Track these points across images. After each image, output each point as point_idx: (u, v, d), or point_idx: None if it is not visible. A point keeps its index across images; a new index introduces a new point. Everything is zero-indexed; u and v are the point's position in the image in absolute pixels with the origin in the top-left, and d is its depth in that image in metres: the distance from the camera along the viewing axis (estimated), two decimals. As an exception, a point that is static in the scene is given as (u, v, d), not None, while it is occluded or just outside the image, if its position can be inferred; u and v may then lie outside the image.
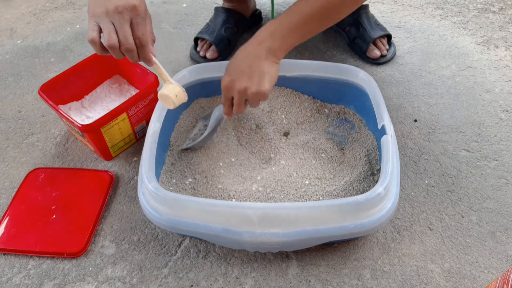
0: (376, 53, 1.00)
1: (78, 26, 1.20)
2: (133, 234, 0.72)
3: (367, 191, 0.66)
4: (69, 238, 0.70)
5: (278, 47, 0.66)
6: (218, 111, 0.77)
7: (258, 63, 0.65)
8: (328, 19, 0.69)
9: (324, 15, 0.67)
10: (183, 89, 0.66)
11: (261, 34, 0.67)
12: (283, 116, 0.85)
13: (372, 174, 0.73)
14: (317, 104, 0.86)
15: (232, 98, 0.68)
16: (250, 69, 0.65)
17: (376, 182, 0.69)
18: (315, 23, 0.68)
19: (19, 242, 0.70)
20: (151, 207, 0.62)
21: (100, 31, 0.58)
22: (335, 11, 0.68)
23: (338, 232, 0.59)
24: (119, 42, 0.57)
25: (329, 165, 0.76)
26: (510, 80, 0.97)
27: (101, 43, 0.59)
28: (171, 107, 0.66)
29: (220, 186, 0.73)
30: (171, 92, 0.65)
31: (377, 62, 1.01)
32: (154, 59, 0.63)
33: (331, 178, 0.73)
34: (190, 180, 0.74)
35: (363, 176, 0.73)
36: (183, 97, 0.66)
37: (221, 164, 0.78)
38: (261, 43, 0.66)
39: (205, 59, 1.03)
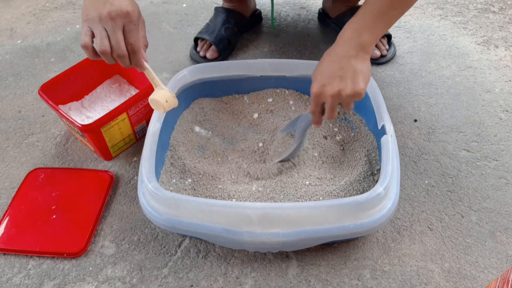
0: (376, 53, 1.00)
1: (78, 26, 1.20)
2: (133, 234, 0.72)
3: (367, 191, 0.66)
4: (69, 238, 0.70)
5: (367, 41, 0.63)
6: (303, 120, 0.74)
7: (349, 62, 0.62)
8: None
9: None
10: (174, 94, 0.67)
11: (345, 33, 0.64)
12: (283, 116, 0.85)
13: (372, 174, 0.73)
14: (317, 104, 0.86)
15: (323, 105, 0.66)
16: (342, 70, 0.62)
17: (376, 182, 0.70)
18: (398, 5, 0.63)
19: (19, 242, 0.70)
20: (151, 207, 0.62)
21: (93, 36, 0.58)
22: None
23: (338, 232, 0.59)
24: (111, 48, 0.58)
25: (329, 165, 0.76)
26: (510, 80, 0.97)
27: (93, 48, 0.59)
28: (161, 111, 0.67)
29: (220, 186, 0.73)
30: (162, 97, 0.65)
31: (377, 62, 1.01)
32: (145, 64, 0.63)
33: (331, 178, 0.73)
34: (190, 180, 0.74)
35: (363, 176, 0.73)
36: (173, 102, 0.67)
37: (221, 164, 0.78)
38: (347, 42, 0.63)
39: (205, 59, 1.03)
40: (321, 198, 0.69)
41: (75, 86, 0.87)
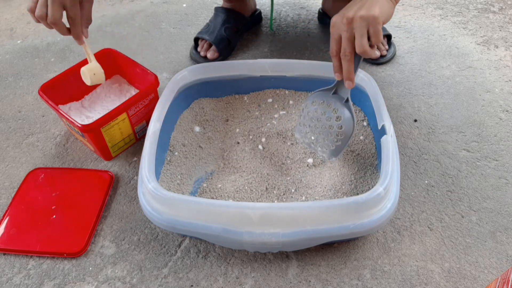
0: (376, 53, 1.00)
1: (78, 26, 1.20)
2: (133, 234, 0.72)
3: (367, 191, 0.66)
4: (69, 238, 0.70)
5: None
6: (326, 94, 0.70)
7: None
8: None
9: None
10: (103, 71, 0.74)
11: None
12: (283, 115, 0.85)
13: (372, 173, 0.73)
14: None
15: (340, 42, 0.63)
16: (360, 1, 0.61)
17: (376, 182, 0.70)
18: None
19: (19, 242, 0.70)
20: (151, 207, 0.62)
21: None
22: None
23: (338, 232, 0.59)
24: (47, 15, 0.65)
25: (329, 165, 0.76)
26: (510, 80, 0.97)
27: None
28: (88, 83, 0.75)
29: (220, 185, 0.73)
30: (90, 70, 0.74)
31: (377, 62, 1.01)
32: (84, 39, 0.71)
33: (331, 178, 0.73)
34: (190, 180, 0.74)
35: (363, 175, 0.73)
36: (101, 77, 0.75)
37: (221, 164, 0.78)
38: None
39: (205, 59, 1.03)
40: (321, 198, 0.69)
41: (75, 86, 0.87)
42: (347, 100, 0.70)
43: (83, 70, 0.74)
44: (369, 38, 0.61)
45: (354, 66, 0.64)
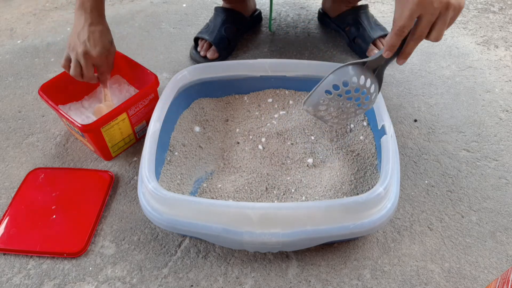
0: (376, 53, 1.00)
1: (78, 26, 1.20)
2: (133, 234, 0.72)
3: (367, 191, 0.66)
4: (69, 238, 0.70)
5: None
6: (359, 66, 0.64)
7: None
8: None
9: None
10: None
11: None
12: (283, 116, 0.85)
13: (372, 173, 0.73)
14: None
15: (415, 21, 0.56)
16: None
17: (376, 182, 0.70)
18: None
19: (19, 242, 0.70)
20: (151, 207, 0.62)
21: (70, 61, 0.77)
22: None
23: (338, 232, 0.59)
24: (82, 75, 0.77)
25: (329, 165, 0.76)
26: (510, 80, 0.97)
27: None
28: (95, 117, 0.82)
29: (220, 185, 0.73)
30: (109, 107, 0.81)
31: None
32: (107, 84, 0.84)
33: (331, 178, 0.73)
34: (190, 180, 0.74)
35: (363, 175, 0.73)
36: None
37: (221, 164, 0.78)
38: None
39: (205, 59, 1.03)
40: (321, 198, 0.69)
41: (75, 86, 0.87)
42: (375, 71, 0.66)
43: (102, 107, 0.82)
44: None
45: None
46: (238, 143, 0.81)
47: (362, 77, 0.64)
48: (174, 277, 0.67)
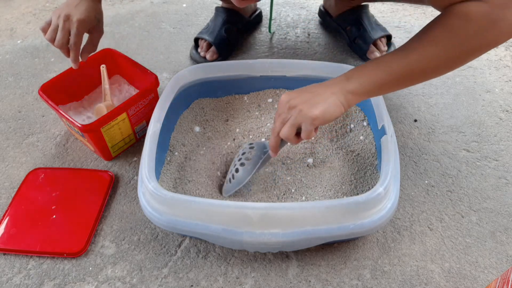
0: (376, 54, 1.00)
1: (78, 26, 1.20)
2: (133, 234, 0.72)
3: (367, 191, 0.66)
4: (69, 238, 0.70)
5: (352, 89, 0.60)
6: (259, 150, 0.70)
7: (324, 90, 0.60)
8: (422, 77, 0.61)
9: (420, 74, 0.60)
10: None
11: (342, 75, 0.62)
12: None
13: (372, 173, 0.73)
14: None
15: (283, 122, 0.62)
16: (311, 93, 0.61)
17: (376, 182, 0.70)
18: (405, 82, 0.61)
19: (19, 242, 0.70)
20: (151, 207, 0.62)
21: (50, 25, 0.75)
22: (436, 69, 0.60)
23: (338, 232, 0.59)
24: (55, 40, 0.73)
25: (329, 165, 0.76)
26: (510, 80, 0.97)
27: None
28: (95, 117, 0.82)
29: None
30: (109, 107, 0.82)
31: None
32: (106, 79, 0.85)
33: (331, 178, 0.73)
34: (190, 180, 0.74)
35: (363, 175, 0.73)
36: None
37: (220, 164, 0.78)
38: (337, 82, 0.61)
39: (205, 59, 1.03)
40: (321, 198, 0.69)
41: (75, 86, 0.87)
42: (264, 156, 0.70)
43: (102, 107, 0.82)
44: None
45: (280, 144, 0.65)
46: (239, 143, 0.81)
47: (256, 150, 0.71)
48: (174, 277, 0.67)
